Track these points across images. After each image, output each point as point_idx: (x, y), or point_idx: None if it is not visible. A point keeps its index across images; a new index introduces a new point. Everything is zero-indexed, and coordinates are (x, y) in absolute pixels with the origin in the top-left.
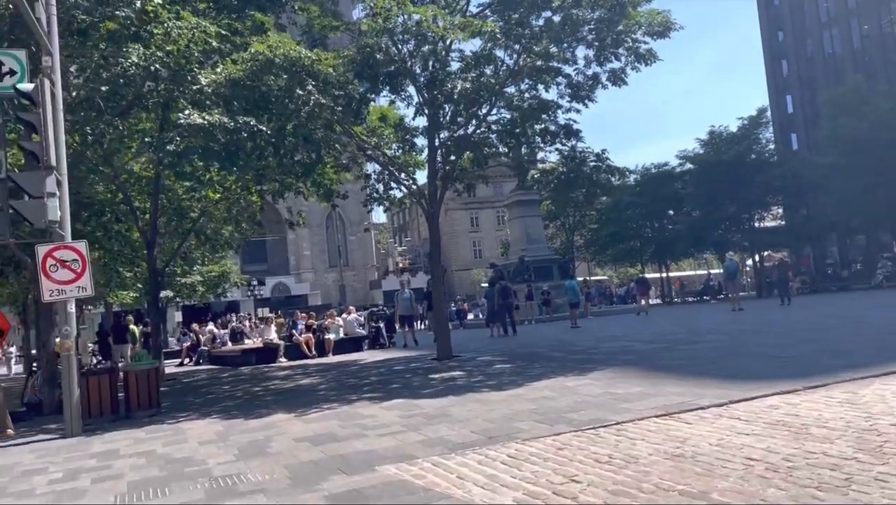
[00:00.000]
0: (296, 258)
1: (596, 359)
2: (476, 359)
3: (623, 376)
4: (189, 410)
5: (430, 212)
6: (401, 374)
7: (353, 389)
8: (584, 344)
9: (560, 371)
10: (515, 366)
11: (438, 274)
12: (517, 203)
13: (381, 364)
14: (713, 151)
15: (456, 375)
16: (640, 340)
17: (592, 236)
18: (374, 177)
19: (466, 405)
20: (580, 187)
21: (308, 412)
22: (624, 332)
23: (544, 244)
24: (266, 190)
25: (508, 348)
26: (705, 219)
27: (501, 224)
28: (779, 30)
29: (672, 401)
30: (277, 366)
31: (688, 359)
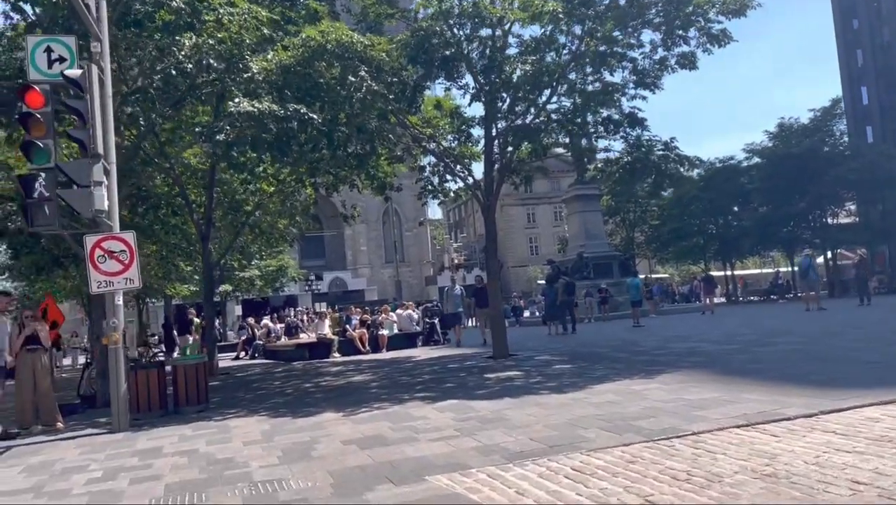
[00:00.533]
0: (353, 253)
1: (663, 360)
2: (534, 358)
3: (694, 380)
4: (238, 406)
5: (485, 204)
6: (455, 372)
7: (405, 387)
8: (648, 344)
9: (625, 373)
10: (576, 366)
11: (494, 269)
12: (576, 198)
13: (434, 361)
14: (783, 144)
15: (513, 375)
16: (708, 340)
17: (653, 233)
18: (428, 169)
19: (524, 409)
20: (646, 177)
21: (358, 412)
22: (690, 332)
23: (604, 240)
24: (320, 183)
25: (568, 347)
26: (773, 215)
27: (559, 220)
28: (853, 18)
29: (752, 409)
30: (330, 361)
31: (763, 362)
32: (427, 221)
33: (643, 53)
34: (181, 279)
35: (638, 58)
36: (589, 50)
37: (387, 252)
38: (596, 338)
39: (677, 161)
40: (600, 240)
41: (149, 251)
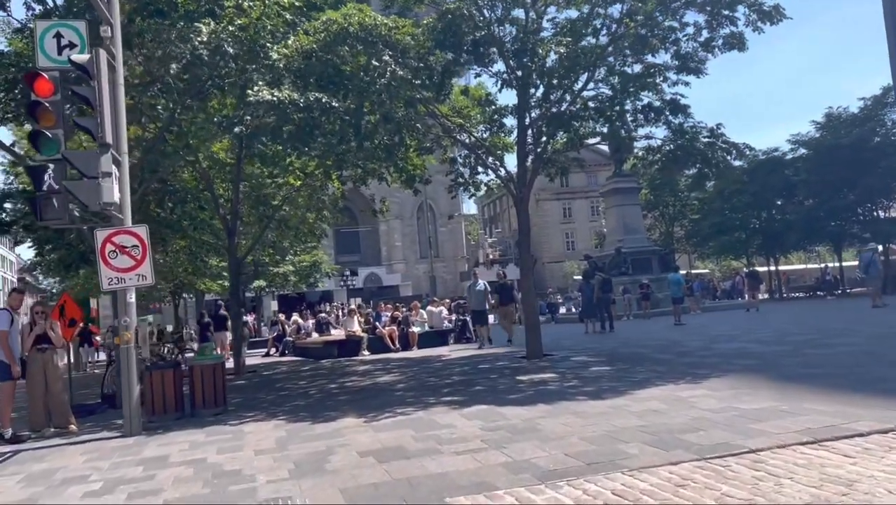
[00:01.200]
0: (387, 249)
1: (710, 363)
2: (570, 359)
3: (747, 386)
4: (257, 408)
5: (518, 197)
6: (485, 373)
7: (432, 389)
8: (692, 344)
9: (669, 377)
10: (615, 369)
11: (528, 264)
12: (614, 191)
13: (465, 361)
14: (830, 135)
15: (547, 377)
16: (757, 340)
17: (694, 227)
18: (460, 161)
19: (559, 417)
20: (690, 166)
21: (380, 417)
22: (736, 331)
23: (643, 235)
24: (347, 176)
25: (606, 347)
26: (820, 208)
27: (595, 215)
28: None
29: (817, 422)
30: (359, 359)
31: (822, 366)
32: (461, 216)
33: (686, 35)
34: (211, 275)
35: (681, 38)
36: (628, 32)
37: (421, 247)
38: (636, 337)
39: (725, 149)
40: (639, 234)
41: (178, 246)
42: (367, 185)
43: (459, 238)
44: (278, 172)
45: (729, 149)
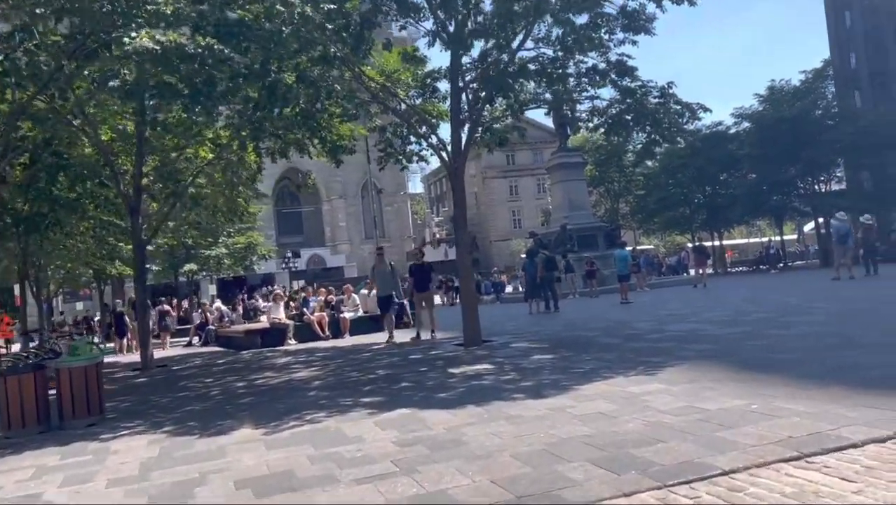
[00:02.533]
0: (331, 229)
1: (662, 348)
2: (510, 346)
3: (707, 378)
4: (142, 416)
5: (453, 168)
6: (415, 366)
7: (352, 388)
8: (642, 326)
9: (618, 367)
10: (558, 357)
11: (465, 241)
12: (559, 166)
13: (397, 350)
14: (773, 108)
15: (482, 369)
16: (711, 320)
17: (639, 203)
18: (389, 130)
19: (490, 423)
20: (640, 129)
21: (281, 427)
22: (687, 309)
23: (588, 211)
24: (265, 148)
25: (550, 330)
26: (762, 182)
27: (542, 192)
28: None
29: (798, 428)
30: (283, 350)
31: (787, 351)
32: (407, 195)
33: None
34: (124, 259)
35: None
36: None
37: (366, 227)
38: (582, 317)
39: (678, 113)
40: (584, 210)
41: (82, 228)
42: (288, 157)
43: (405, 218)
44: (185, 144)
45: (681, 110)
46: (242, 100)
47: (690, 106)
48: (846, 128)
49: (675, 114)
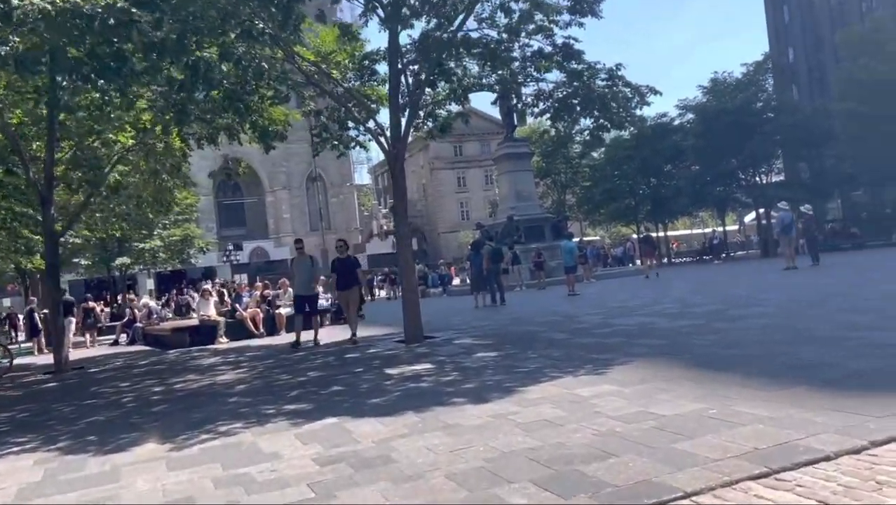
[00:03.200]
0: (275, 221)
1: (611, 344)
2: (452, 342)
3: (660, 377)
4: (37, 429)
5: (392, 154)
6: (350, 366)
7: (278, 392)
8: (590, 319)
9: (565, 365)
10: (503, 355)
11: (405, 232)
12: (506, 157)
13: (332, 349)
14: (716, 100)
15: (422, 369)
16: (660, 313)
17: (585, 194)
18: (324, 114)
19: (425, 435)
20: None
21: (191, 441)
22: (635, 301)
23: (535, 202)
24: (193, 133)
25: (496, 325)
26: (706, 173)
27: (490, 184)
28: None
29: (763, 438)
30: (213, 349)
31: (740, 346)
32: (353, 186)
33: None
34: (30, 251)
35: None
36: None
37: (311, 219)
38: (528, 311)
39: (626, 97)
40: (531, 201)
41: None
42: (216, 144)
43: (352, 209)
44: (102, 128)
45: (630, 93)
46: (165, 80)
47: (639, 89)
48: (786, 120)
49: (624, 98)
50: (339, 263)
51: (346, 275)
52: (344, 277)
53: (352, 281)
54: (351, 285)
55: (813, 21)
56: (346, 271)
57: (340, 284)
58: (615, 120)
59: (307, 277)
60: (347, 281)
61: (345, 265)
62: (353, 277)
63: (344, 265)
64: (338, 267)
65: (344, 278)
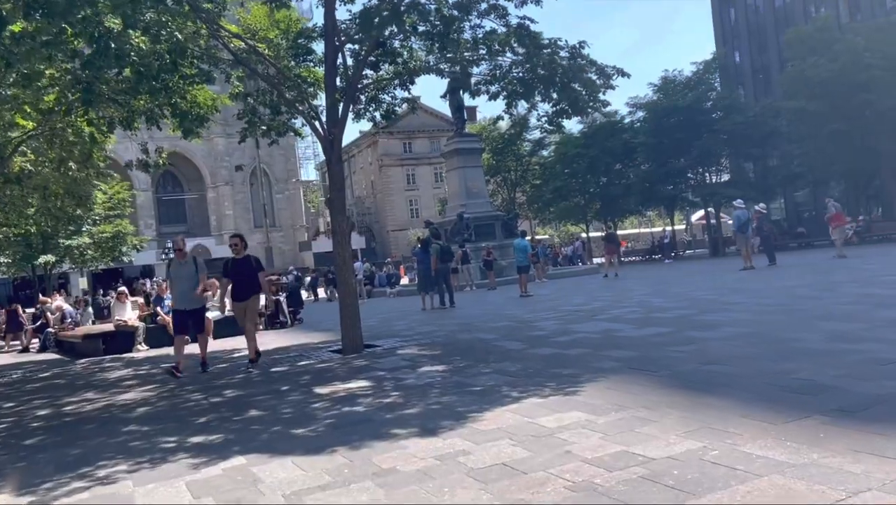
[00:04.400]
0: (217, 218)
1: (574, 357)
2: (396, 352)
3: (639, 403)
4: None
5: (328, 140)
6: (275, 383)
7: (184, 418)
8: (547, 325)
9: (525, 383)
10: (452, 369)
11: (342, 227)
12: (455, 152)
13: (259, 360)
14: (666, 98)
15: (358, 388)
16: (624, 319)
17: (535, 192)
18: (252, 97)
19: (350, 489)
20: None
21: (52, 493)
22: (594, 303)
23: (486, 199)
24: (104, 117)
25: (444, 331)
26: (656, 172)
27: (439, 181)
28: None
29: (793, 495)
30: (128, 358)
31: (723, 360)
32: (300, 182)
33: None
34: None
35: None
36: None
37: (255, 216)
38: (479, 314)
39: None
40: (482, 199)
41: None
42: (132, 129)
43: (298, 206)
44: None
45: (594, 74)
46: (69, 55)
47: (605, 70)
48: (736, 118)
49: (588, 79)
50: (234, 265)
51: (243, 280)
52: (241, 284)
53: (251, 288)
54: (249, 294)
55: (758, 23)
56: (245, 276)
57: (237, 292)
58: (578, 103)
59: (190, 285)
60: (246, 288)
61: (242, 268)
62: (254, 283)
63: (241, 268)
64: (232, 270)
65: (241, 285)
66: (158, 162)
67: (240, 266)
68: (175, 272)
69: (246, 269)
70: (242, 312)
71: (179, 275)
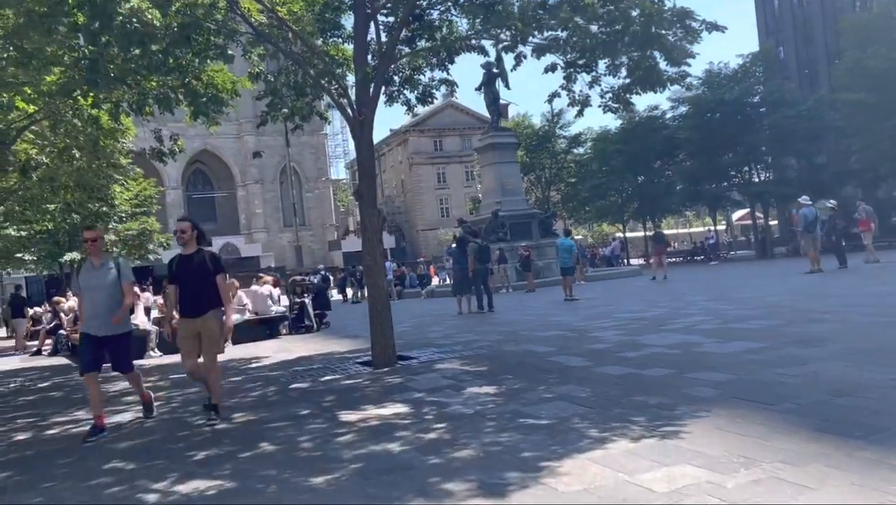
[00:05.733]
0: (246, 217)
1: (656, 380)
2: (434, 368)
3: (766, 450)
4: None
5: (357, 121)
6: (294, 405)
7: (178, 452)
8: (608, 336)
9: (601, 416)
10: (505, 392)
11: (373, 219)
12: (490, 147)
13: (278, 372)
14: (711, 92)
15: (392, 416)
16: (698, 330)
17: (570, 191)
18: (272, 76)
19: None
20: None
21: None
22: (654, 310)
23: (522, 196)
24: (109, 100)
25: (487, 340)
26: (701, 169)
27: (470, 180)
28: None
29: None
30: (138, 365)
31: (855, 390)
32: (329, 181)
33: None
34: None
35: None
36: None
37: (285, 215)
38: (523, 320)
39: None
40: (518, 196)
41: None
42: (143, 114)
43: (328, 204)
44: None
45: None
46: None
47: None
48: (786, 111)
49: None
50: (182, 264)
51: (195, 287)
52: (192, 291)
53: (207, 298)
54: (205, 307)
55: (804, 14)
56: (197, 280)
57: (186, 304)
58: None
59: (108, 297)
60: (198, 298)
61: (193, 269)
62: (211, 292)
63: (191, 268)
64: (179, 271)
65: (192, 293)
66: (174, 150)
67: (190, 266)
68: (87, 279)
69: (199, 270)
70: (194, 338)
71: (91, 284)
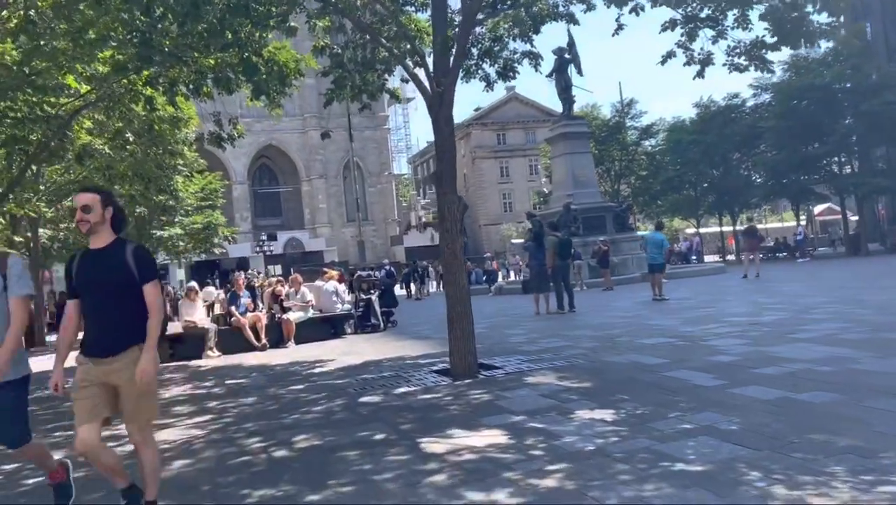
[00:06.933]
0: (311, 211)
1: (827, 409)
2: (525, 381)
3: None
4: None
5: (434, 98)
6: (365, 426)
7: (226, 490)
8: (728, 346)
9: (776, 460)
10: (626, 420)
11: (453, 207)
12: (562, 137)
13: (344, 380)
14: (798, 76)
15: (488, 448)
16: (840, 341)
17: (642, 184)
18: (340, 47)
19: None
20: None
21: None
22: (767, 314)
23: (595, 189)
24: (161, 81)
25: (580, 348)
26: (786, 160)
27: (534, 174)
28: None
29: None
30: (194, 367)
31: None
32: (392, 175)
33: None
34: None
35: None
36: None
37: (348, 209)
38: (613, 323)
39: None
40: (591, 188)
41: None
42: (201, 97)
43: (390, 199)
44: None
45: None
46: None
47: None
48: (887, 96)
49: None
50: (84, 264)
51: (108, 309)
52: (103, 315)
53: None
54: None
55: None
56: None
57: (91, 336)
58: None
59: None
60: (118, 326)
61: (103, 271)
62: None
63: (100, 271)
64: (81, 277)
65: (102, 319)
66: (233, 134)
67: (99, 269)
68: None
69: (114, 277)
70: (101, 390)
71: None
